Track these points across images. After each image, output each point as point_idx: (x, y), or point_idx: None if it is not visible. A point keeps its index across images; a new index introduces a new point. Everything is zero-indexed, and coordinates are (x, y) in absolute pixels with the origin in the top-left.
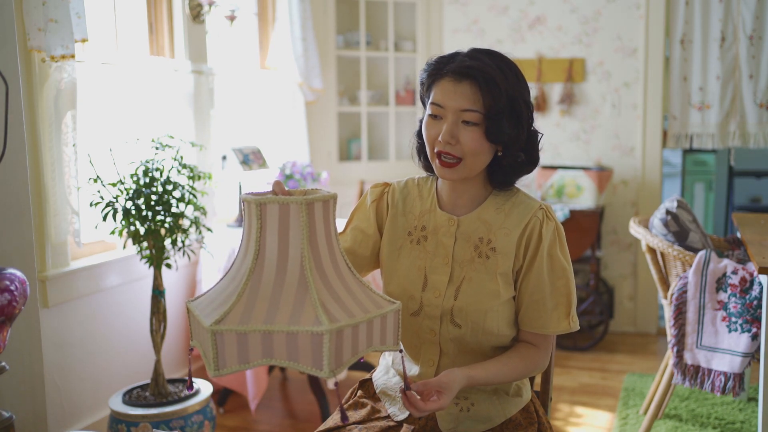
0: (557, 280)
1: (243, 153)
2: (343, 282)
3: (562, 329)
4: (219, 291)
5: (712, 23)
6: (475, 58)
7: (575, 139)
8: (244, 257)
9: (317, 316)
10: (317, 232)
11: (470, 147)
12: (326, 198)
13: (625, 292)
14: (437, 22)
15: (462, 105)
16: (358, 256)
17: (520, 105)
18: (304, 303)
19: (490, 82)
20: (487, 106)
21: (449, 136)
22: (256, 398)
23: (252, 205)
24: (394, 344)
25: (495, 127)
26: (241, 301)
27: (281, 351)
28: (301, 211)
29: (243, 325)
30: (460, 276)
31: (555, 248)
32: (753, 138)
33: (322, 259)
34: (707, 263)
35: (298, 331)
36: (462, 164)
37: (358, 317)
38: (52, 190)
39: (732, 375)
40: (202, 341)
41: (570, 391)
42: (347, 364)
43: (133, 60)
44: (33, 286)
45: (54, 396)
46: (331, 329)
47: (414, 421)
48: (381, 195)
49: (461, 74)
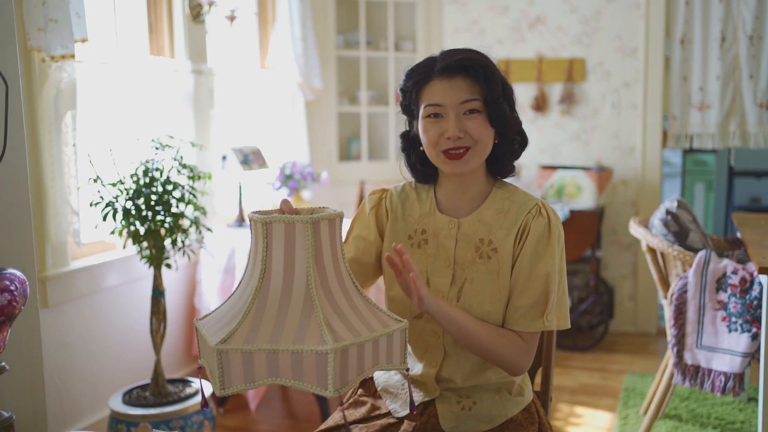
0: (537, 278)
1: (243, 153)
2: (349, 301)
3: (536, 328)
4: (226, 310)
5: (712, 23)
6: (457, 53)
7: (575, 139)
8: (251, 276)
9: (322, 335)
10: (323, 250)
11: (477, 134)
12: (332, 217)
13: (625, 292)
14: (437, 22)
15: (461, 97)
16: (363, 264)
17: (509, 90)
18: (310, 322)
19: (485, 69)
20: (485, 93)
21: (457, 129)
22: (256, 398)
23: (258, 225)
24: (401, 363)
25: (497, 110)
26: (246, 320)
27: (286, 370)
28: (307, 230)
29: (248, 344)
30: (462, 277)
31: (541, 244)
32: (753, 138)
33: (328, 277)
34: (707, 263)
35: (302, 350)
36: (471, 152)
37: (364, 336)
38: (52, 190)
39: (732, 375)
40: (208, 360)
41: (570, 391)
42: (353, 384)
43: (133, 60)
44: (33, 286)
45: (54, 396)
46: (335, 348)
47: (415, 418)
48: (379, 201)
49: (451, 70)
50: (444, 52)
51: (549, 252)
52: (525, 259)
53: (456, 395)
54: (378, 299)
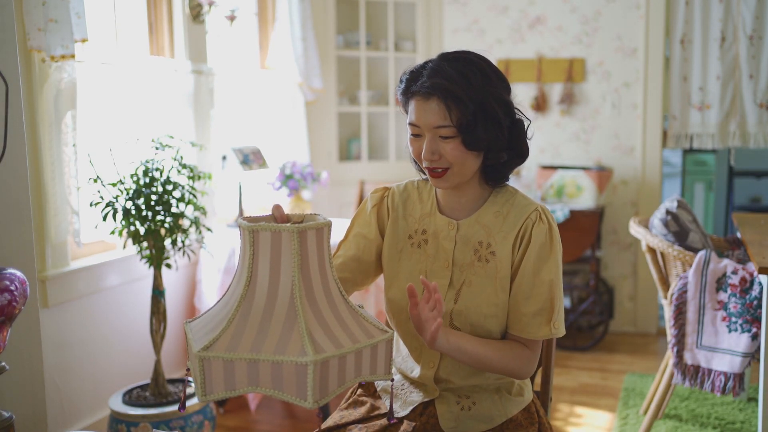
0: (542, 285)
1: (243, 153)
2: (334, 311)
3: (543, 335)
4: (213, 314)
5: (712, 23)
6: (437, 71)
7: (575, 139)
8: (238, 283)
9: (303, 346)
10: (309, 260)
11: (452, 158)
12: (320, 226)
13: (625, 292)
14: (437, 22)
15: (434, 122)
16: (363, 262)
17: (493, 106)
18: (292, 332)
19: (453, 97)
20: (456, 120)
21: (430, 153)
22: (256, 398)
23: (245, 232)
24: (386, 374)
25: (471, 136)
26: (230, 329)
27: (266, 380)
28: (293, 239)
29: (230, 352)
30: (460, 280)
31: (544, 251)
32: (753, 138)
33: (314, 287)
34: (707, 263)
35: (283, 361)
36: (450, 172)
37: (346, 348)
38: (52, 190)
39: (732, 375)
40: (192, 365)
41: (570, 391)
42: (333, 395)
43: (133, 60)
44: (33, 286)
45: (54, 396)
46: (315, 360)
47: (415, 418)
48: (381, 199)
49: (425, 93)
50: (433, 63)
51: (552, 258)
52: (528, 266)
53: (455, 395)
54: (378, 298)
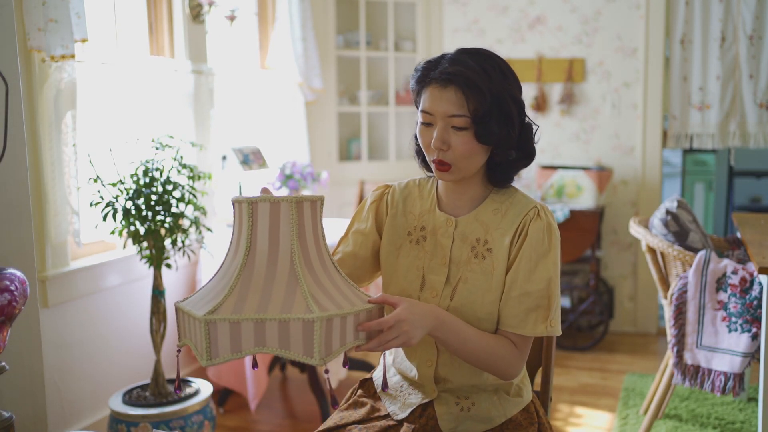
0: (538, 282)
1: (243, 153)
2: (330, 278)
3: (538, 333)
4: (209, 288)
5: (712, 23)
6: (458, 61)
7: (575, 139)
8: (235, 255)
9: (308, 305)
10: (306, 230)
11: (461, 151)
12: (314, 199)
13: (625, 292)
14: (437, 22)
15: (449, 111)
16: (360, 258)
17: (508, 103)
18: (295, 294)
19: (473, 87)
20: (473, 110)
21: (440, 142)
22: (256, 398)
23: (243, 204)
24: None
25: (484, 129)
26: (233, 294)
27: (273, 339)
28: (291, 209)
29: (236, 314)
30: (457, 276)
31: (540, 248)
32: (753, 138)
33: (311, 255)
34: (707, 263)
35: (289, 318)
36: (455, 167)
37: (346, 309)
38: (52, 190)
39: (732, 375)
40: (193, 334)
41: (570, 391)
42: (336, 354)
43: (133, 60)
44: (33, 286)
45: (54, 396)
46: (321, 317)
47: (414, 420)
48: (381, 196)
49: (445, 80)
50: (452, 54)
51: (551, 256)
52: (523, 262)
53: (454, 396)
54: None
